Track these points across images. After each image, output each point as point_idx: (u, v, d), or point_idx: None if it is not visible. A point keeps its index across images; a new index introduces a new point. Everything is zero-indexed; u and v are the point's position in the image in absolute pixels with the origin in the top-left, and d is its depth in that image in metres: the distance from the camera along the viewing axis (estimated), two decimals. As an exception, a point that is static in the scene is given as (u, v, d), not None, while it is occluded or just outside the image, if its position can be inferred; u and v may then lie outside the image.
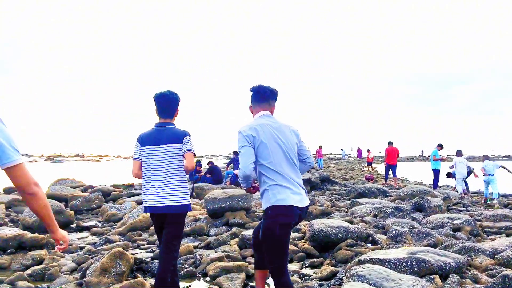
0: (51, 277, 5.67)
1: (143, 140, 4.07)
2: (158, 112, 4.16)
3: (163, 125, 4.09)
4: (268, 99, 3.80)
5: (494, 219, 8.24)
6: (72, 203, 11.26)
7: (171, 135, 3.99)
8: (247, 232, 7.09)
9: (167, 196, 3.91)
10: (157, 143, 3.98)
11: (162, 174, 3.96)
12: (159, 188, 3.94)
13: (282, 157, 3.52)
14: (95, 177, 22.97)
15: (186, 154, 3.94)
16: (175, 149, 3.96)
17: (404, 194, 11.61)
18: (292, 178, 3.50)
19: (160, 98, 4.10)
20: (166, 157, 3.96)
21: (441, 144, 16.58)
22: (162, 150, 3.96)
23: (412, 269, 4.66)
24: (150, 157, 3.99)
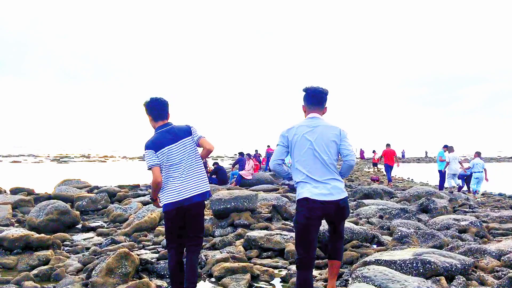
0: (57, 277, 5.70)
1: (155, 145, 4.17)
2: (154, 117, 4.35)
3: (166, 126, 4.27)
4: (321, 101, 4.09)
5: (501, 221, 8.20)
6: (78, 203, 11.30)
7: (181, 131, 4.23)
8: (252, 233, 7.09)
9: (193, 187, 4.12)
10: (171, 143, 4.15)
11: (184, 168, 4.16)
12: (183, 181, 4.12)
13: (310, 156, 3.83)
14: (101, 177, 23.05)
15: (202, 140, 4.24)
16: (189, 142, 4.21)
17: (410, 195, 11.56)
18: (317, 175, 3.79)
19: (154, 103, 4.31)
20: (184, 151, 4.18)
21: (447, 145, 16.52)
22: (178, 147, 4.16)
23: (417, 271, 4.64)
24: (170, 156, 4.15)
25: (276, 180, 18.35)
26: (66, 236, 8.15)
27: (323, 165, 3.83)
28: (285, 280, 5.57)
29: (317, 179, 3.78)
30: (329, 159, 3.86)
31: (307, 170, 3.82)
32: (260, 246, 6.77)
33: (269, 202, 10.72)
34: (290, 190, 15.01)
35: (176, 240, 4.28)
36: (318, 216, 3.79)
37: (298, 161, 3.86)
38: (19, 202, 11.25)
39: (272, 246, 6.74)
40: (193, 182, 4.14)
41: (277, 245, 6.76)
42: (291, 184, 15.24)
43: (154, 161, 4.14)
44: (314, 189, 3.74)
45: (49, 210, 8.64)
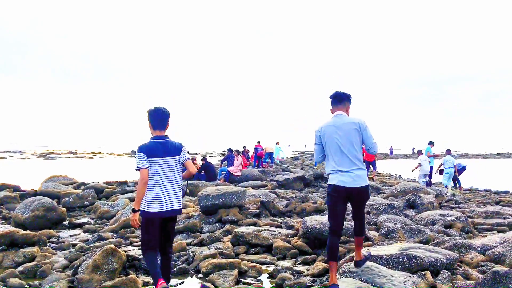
0: (43, 274, 5.65)
1: (149, 152, 4.38)
2: (153, 126, 4.56)
3: (162, 139, 4.51)
4: (342, 101, 4.82)
5: (486, 216, 8.28)
6: (65, 200, 11.20)
7: (173, 148, 4.49)
8: (240, 229, 7.09)
9: (175, 201, 4.46)
10: (162, 155, 4.41)
11: (169, 182, 4.44)
12: (168, 194, 4.42)
13: (337, 149, 4.61)
14: (88, 174, 22.88)
15: (187, 162, 4.55)
16: (176, 159, 4.50)
17: (397, 191, 11.62)
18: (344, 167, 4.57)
19: (156, 112, 4.53)
20: (173, 167, 4.46)
21: (432, 142, 16.68)
22: (168, 161, 4.43)
23: (403, 266, 4.68)
24: (156, 167, 4.38)
25: (264, 176, 18.37)
26: (52, 233, 8.08)
27: (349, 159, 4.58)
28: (272, 276, 5.58)
29: (343, 170, 4.56)
30: (353, 154, 4.59)
31: (336, 163, 4.62)
32: (248, 242, 6.77)
33: (257, 199, 10.73)
34: (278, 186, 15.04)
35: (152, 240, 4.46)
36: (343, 197, 4.58)
37: (329, 155, 4.70)
38: (4, 198, 11.13)
39: (260, 242, 6.75)
40: (172, 197, 4.44)
41: (265, 241, 6.76)
42: (280, 180, 15.27)
43: (145, 163, 4.33)
44: (340, 177, 4.56)
45: (35, 206, 8.55)
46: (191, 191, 12.97)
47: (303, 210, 9.01)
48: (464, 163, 17.23)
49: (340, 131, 4.61)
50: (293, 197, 11.21)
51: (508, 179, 22.63)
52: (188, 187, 12.95)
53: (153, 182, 4.38)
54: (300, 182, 15.41)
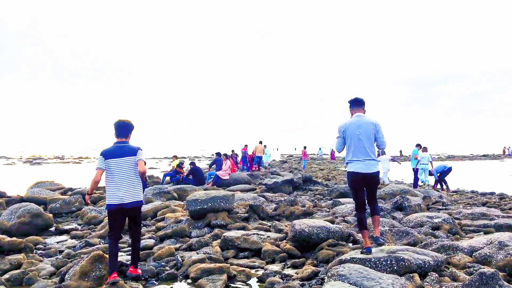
0: (30, 281, 5.59)
1: (106, 154, 5.37)
2: (116, 134, 5.53)
3: (121, 143, 5.48)
4: (361, 105, 5.96)
5: (473, 217, 8.37)
6: (51, 206, 11.07)
7: (128, 150, 5.40)
8: (229, 233, 7.07)
9: (131, 195, 5.29)
10: (117, 157, 5.33)
11: (122, 178, 5.30)
12: (119, 189, 5.27)
13: (357, 143, 5.69)
14: (75, 179, 22.67)
15: (139, 162, 5.35)
16: (131, 160, 5.36)
17: (385, 193, 11.69)
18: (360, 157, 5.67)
19: (119, 124, 5.53)
20: (125, 165, 5.33)
21: (419, 144, 16.82)
22: (122, 161, 5.33)
23: (391, 268, 4.70)
24: (112, 166, 5.31)
25: (253, 180, 18.37)
26: (39, 239, 7.98)
27: (365, 150, 5.68)
28: (261, 280, 5.57)
29: (359, 159, 5.68)
30: (369, 146, 5.71)
31: (353, 154, 5.72)
32: (237, 246, 6.76)
33: (246, 202, 10.72)
34: (267, 189, 15.04)
35: (115, 231, 5.34)
36: (360, 181, 5.69)
37: (349, 146, 5.77)
38: (-10, 205, 10.97)
39: (249, 246, 6.74)
40: (127, 191, 5.28)
41: (254, 245, 6.76)
42: (268, 184, 15.27)
43: (101, 165, 5.35)
44: (356, 165, 5.68)
45: (21, 213, 8.45)
46: (180, 196, 12.91)
47: (292, 214, 9.02)
48: (449, 165, 17.41)
49: (361, 128, 5.72)
50: (281, 200, 11.23)
51: (493, 181, 22.89)
52: (175, 190, 12.91)
53: (110, 179, 5.33)
54: (288, 185, 15.43)
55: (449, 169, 17.02)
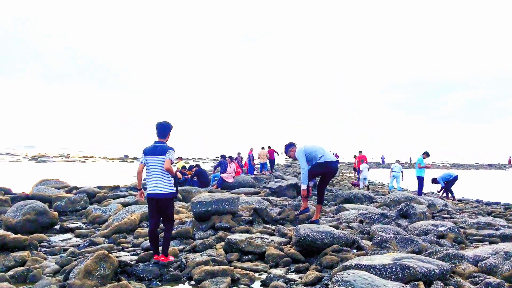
0: (34, 278, 5.61)
1: (145, 151, 6.27)
2: (156, 134, 6.35)
3: (158, 143, 6.28)
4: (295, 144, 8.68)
5: (478, 227, 8.32)
6: (56, 204, 11.10)
7: (161, 150, 6.17)
8: (233, 236, 7.07)
9: (158, 187, 6.14)
10: (152, 155, 6.19)
11: (155, 173, 6.19)
12: (153, 182, 6.17)
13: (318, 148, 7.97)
14: (80, 178, 22.74)
15: (165, 160, 6.10)
16: (161, 158, 6.15)
17: (390, 200, 11.66)
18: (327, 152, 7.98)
19: (158, 125, 6.35)
20: (157, 163, 6.17)
21: (427, 152, 16.73)
22: (155, 159, 6.17)
23: (396, 276, 4.68)
24: (149, 163, 6.22)
25: (257, 183, 18.36)
26: (44, 237, 8.01)
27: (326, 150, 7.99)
28: (265, 284, 5.56)
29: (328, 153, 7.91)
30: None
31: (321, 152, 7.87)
32: (241, 249, 6.75)
33: (250, 206, 10.71)
34: (271, 193, 15.03)
35: (153, 217, 6.28)
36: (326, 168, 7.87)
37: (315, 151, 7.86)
38: (-5, 201, 11.01)
39: (253, 249, 6.74)
40: (157, 184, 6.15)
41: (258, 249, 6.75)
42: (272, 187, 15.25)
43: (142, 160, 6.33)
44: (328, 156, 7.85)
45: (26, 210, 8.48)
46: (184, 197, 12.93)
47: (296, 218, 9.00)
48: (455, 173, 17.35)
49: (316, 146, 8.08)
50: (286, 204, 11.21)
51: (499, 190, 22.77)
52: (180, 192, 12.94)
53: (148, 173, 6.26)
54: (293, 189, 15.41)
55: (455, 177, 16.97)
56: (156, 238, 6.28)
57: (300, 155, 7.98)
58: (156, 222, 6.33)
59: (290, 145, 8.60)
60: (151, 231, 6.28)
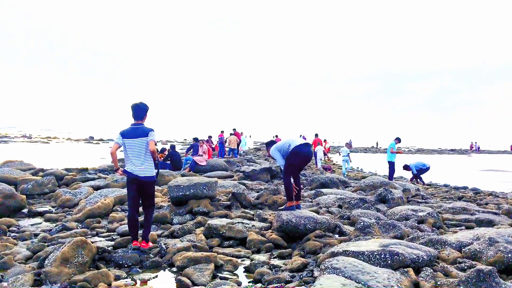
0: (5, 265, 5.32)
1: (123, 134, 5.96)
2: (132, 116, 6.05)
3: (137, 125, 6.00)
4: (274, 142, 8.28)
5: (454, 212, 8.44)
6: (23, 187, 10.63)
7: (141, 132, 5.94)
8: (214, 222, 6.91)
9: (143, 171, 5.90)
10: (132, 137, 5.92)
11: (136, 156, 5.92)
12: (134, 165, 5.90)
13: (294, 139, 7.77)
14: (45, 159, 21.98)
15: (149, 142, 5.92)
16: (143, 140, 5.92)
17: (365, 185, 11.73)
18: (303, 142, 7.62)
19: (134, 107, 6.03)
20: (138, 145, 5.92)
21: (399, 138, 16.94)
22: (135, 141, 5.92)
23: (385, 262, 4.64)
24: (128, 146, 5.92)
25: (230, 167, 18.20)
26: (12, 222, 7.66)
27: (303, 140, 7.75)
28: (249, 270, 5.45)
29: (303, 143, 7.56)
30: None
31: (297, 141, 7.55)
32: (222, 235, 6.61)
33: (227, 190, 10.56)
34: (244, 177, 14.90)
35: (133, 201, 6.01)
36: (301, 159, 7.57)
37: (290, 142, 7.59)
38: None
39: (234, 235, 6.60)
40: (140, 168, 5.89)
41: (239, 234, 6.62)
42: (246, 171, 15.13)
43: (118, 140, 5.99)
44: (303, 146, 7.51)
45: (-7, 193, 8.06)
46: (157, 181, 12.63)
47: (275, 203, 8.91)
48: (428, 164, 17.70)
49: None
50: (262, 189, 11.12)
51: (464, 175, 23.42)
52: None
53: (126, 156, 5.96)
54: (266, 173, 15.32)
55: (427, 168, 17.35)
56: (136, 223, 6.06)
57: (273, 153, 7.78)
58: (137, 207, 6.11)
59: (270, 143, 8.24)
60: (131, 216, 6.04)
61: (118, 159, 6.26)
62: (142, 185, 5.97)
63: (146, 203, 6.17)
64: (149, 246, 6.10)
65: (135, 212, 6.05)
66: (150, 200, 6.18)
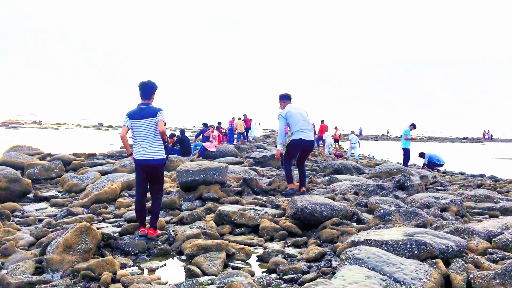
0: (6, 252, 5.07)
1: (130, 115, 5.62)
2: (140, 95, 5.69)
3: (144, 105, 5.64)
4: (290, 98, 8.02)
5: (476, 199, 8.03)
6: (29, 171, 10.41)
7: (149, 112, 5.57)
8: (225, 208, 6.58)
9: (148, 153, 5.55)
10: (139, 118, 5.56)
11: (144, 137, 5.58)
12: (143, 147, 5.56)
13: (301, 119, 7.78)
14: (53, 145, 21.82)
15: (158, 122, 5.54)
16: (152, 121, 5.55)
17: (381, 171, 11.34)
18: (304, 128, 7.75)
19: (142, 85, 5.66)
20: (146, 126, 5.56)
21: (414, 124, 16.48)
22: (143, 122, 5.56)
23: (411, 252, 4.28)
24: (136, 127, 5.58)
25: (240, 153, 17.87)
26: (17, 206, 7.41)
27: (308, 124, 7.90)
28: (262, 259, 5.13)
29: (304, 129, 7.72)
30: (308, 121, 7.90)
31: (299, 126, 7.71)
32: (233, 222, 6.29)
33: (237, 175, 10.24)
34: (255, 163, 14.56)
35: (141, 186, 5.72)
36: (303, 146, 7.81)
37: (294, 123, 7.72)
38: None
39: (246, 222, 6.28)
40: (148, 150, 5.55)
41: (251, 221, 6.30)
42: (257, 157, 14.80)
43: (126, 123, 5.64)
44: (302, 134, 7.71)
45: (-3, 177, 7.81)
46: (166, 166, 12.35)
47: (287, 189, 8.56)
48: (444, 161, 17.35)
49: (300, 109, 7.86)
50: (273, 175, 10.78)
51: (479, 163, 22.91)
52: None
53: (134, 138, 5.64)
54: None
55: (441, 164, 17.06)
56: (143, 209, 5.75)
57: (279, 118, 7.83)
58: (144, 191, 5.79)
59: (284, 96, 8.04)
60: (138, 201, 5.72)
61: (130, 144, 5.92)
62: (150, 168, 5.65)
63: (155, 187, 5.85)
64: (157, 233, 5.78)
65: (142, 197, 5.74)
66: (158, 184, 5.87)
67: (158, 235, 5.79)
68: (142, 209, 5.73)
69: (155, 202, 5.86)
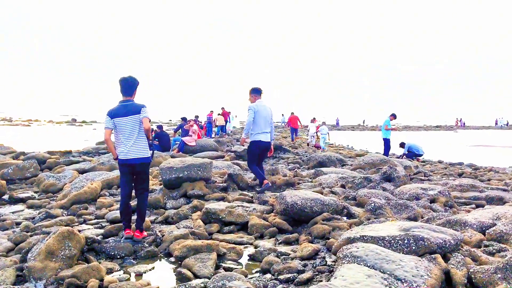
0: (-17, 259, 4.74)
1: (112, 114, 5.34)
2: (121, 92, 5.45)
3: (126, 102, 5.40)
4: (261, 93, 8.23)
5: (462, 189, 8.04)
6: (3, 171, 9.98)
7: (132, 108, 5.33)
8: (212, 206, 6.39)
9: (134, 151, 5.31)
10: (123, 116, 5.30)
11: (128, 136, 5.32)
12: (127, 146, 5.30)
13: (263, 120, 8.03)
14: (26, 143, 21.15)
15: (143, 119, 5.33)
16: (136, 118, 5.32)
17: (365, 163, 11.30)
18: (264, 129, 8.04)
19: (123, 81, 5.41)
20: (130, 123, 5.31)
21: (394, 114, 16.54)
22: (127, 120, 5.30)
23: (409, 248, 4.18)
24: (119, 125, 5.32)
25: (220, 147, 17.64)
26: (-9, 210, 7.04)
27: (268, 125, 8.12)
28: (254, 258, 4.97)
29: (264, 132, 8.03)
30: (270, 122, 8.14)
31: (261, 126, 7.98)
32: (221, 220, 6.12)
33: (220, 171, 10.04)
34: (236, 157, 14.38)
35: (126, 186, 5.45)
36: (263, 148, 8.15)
37: (257, 121, 7.97)
38: None
39: (234, 219, 6.12)
40: (132, 148, 5.30)
41: (240, 219, 6.14)
42: (238, 151, 14.63)
43: (108, 124, 5.37)
44: (261, 136, 8.04)
45: (-31, 179, 7.42)
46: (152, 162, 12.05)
47: (274, 184, 8.42)
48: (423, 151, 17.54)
49: (265, 108, 8.10)
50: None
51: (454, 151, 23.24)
52: None
53: (117, 137, 5.40)
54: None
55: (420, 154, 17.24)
56: (129, 211, 5.50)
57: (249, 110, 8.03)
58: (130, 192, 5.53)
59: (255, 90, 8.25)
60: (124, 203, 5.45)
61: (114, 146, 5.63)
62: (136, 168, 5.40)
63: (140, 188, 5.59)
64: (143, 235, 5.52)
65: (128, 198, 5.49)
66: (144, 184, 5.62)
67: (144, 237, 5.54)
68: (127, 211, 5.48)
69: (141, 203, 5.59)
